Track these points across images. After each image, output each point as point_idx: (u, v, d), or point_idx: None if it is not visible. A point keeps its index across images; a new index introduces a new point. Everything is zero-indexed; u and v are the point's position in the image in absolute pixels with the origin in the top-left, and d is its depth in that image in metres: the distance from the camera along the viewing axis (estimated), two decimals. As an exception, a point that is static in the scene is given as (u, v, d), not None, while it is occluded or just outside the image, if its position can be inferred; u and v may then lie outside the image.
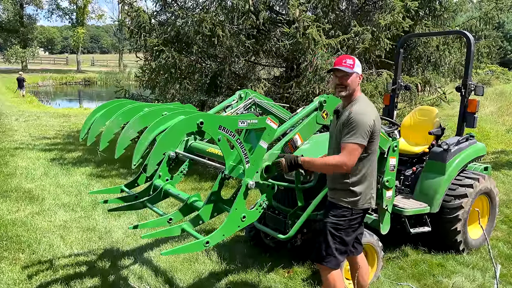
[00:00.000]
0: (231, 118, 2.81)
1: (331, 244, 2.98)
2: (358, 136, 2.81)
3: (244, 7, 6.65)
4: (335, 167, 2.85)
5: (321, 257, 3.02)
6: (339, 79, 2.97)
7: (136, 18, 7.75)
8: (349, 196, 2.99)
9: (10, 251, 4.50)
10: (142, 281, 3.96)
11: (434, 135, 4.76)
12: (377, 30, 6.71)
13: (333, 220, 3.00)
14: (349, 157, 2.80)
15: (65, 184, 6.98)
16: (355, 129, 2.81)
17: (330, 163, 2.86)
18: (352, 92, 2.98)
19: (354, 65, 2.94)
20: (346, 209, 2.99)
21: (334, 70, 2.96)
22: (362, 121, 2.82)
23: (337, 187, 3.03)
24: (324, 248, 3.00)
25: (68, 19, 50.37)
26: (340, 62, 2.96)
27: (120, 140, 2.77)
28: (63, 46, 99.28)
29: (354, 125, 2.82)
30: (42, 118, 15.16)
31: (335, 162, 2.83)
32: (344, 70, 2.92)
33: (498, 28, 35.33)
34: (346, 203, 2.99)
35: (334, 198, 3.05)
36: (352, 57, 3.01)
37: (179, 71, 7.55)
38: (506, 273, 4.23)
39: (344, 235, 3.00)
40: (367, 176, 3.00)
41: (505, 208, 6.08)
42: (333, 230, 2.99)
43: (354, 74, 2.95)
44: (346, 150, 2.81)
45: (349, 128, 2.84)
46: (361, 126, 2.81)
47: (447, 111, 14.11)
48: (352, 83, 2.95)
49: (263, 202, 3.05)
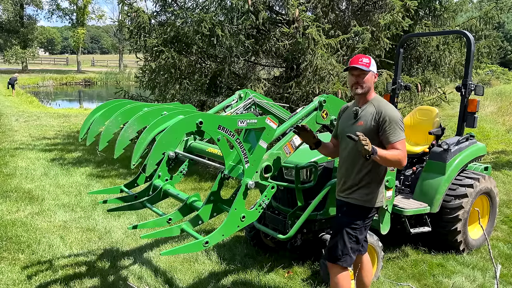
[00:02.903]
0: (231, 118, 2.81)
1: (348, 243, 2.99)
2: (401, 132, 2.88)
3: (243, 7, 6.64)
4: (399, 162, 2.87)
5: (336, 257, 3.02)
6: (356, 77, 2.99)
7: (136, 18, 7.75)
8: (365, 194, 2.99)
9: (10, 251, 4.50)
10: (142, 281, 3.95)
11: (434, 135, 4.75)
12: (377, 30, 6.71)
13: (350, 220, 3.00)
14: (404, 153, 2.86)
15: (65, 184, 6.98)
16: (396, 126, 2.87)
17: (398, 158, 2.85)
18: (368, 90, 3.00)
19: (370, 64, 2.97)
20: (362, 208, 3.00)
21: (351, 69, 2.98)
22: (398, 117, 2.90)
23: (352, 185, 3.01)
24: (340, 248, 3.00)
25: (68, 20, 50.42)
26: (356, 61, 2.97)
27: (120, 140, 2.77)
28: (63, 47, 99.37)
29: (393, 123, 2.87)
30: (42, 118, 15.16)
31: (401, 157, 2.85)
32: (361, 68, 2.94)
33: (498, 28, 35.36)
34: (363, 202, 2.99)
35: (350, 197, 3.02)
36: (368, 56, 3.03)
37: (179, 71, 7.55)
38: (506, 273, 4.23)
39: (359, 234, 3.02)
40: (381, 174, 3.03)
41: (505, 208, 6.08)
42: (350, 229, 2.99)
43: (370, 73, 2.98)
44: (401, 145, 2.86)
45: (390, 127, 2.87)
46: (399, 122, 2.89)
47: (447, 111, 14.13)
48: (368, 82, 2.98)
49: (262, 202, 3.04)
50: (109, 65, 53.52)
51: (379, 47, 6.74)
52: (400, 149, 2.85)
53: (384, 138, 2.89)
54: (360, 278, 3.23)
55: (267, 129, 2.93)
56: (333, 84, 6.34)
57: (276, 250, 4.57)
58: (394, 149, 2.86)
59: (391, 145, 2.87)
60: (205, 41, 7.02)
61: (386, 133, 2.88)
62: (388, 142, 2.88)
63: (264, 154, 2.99)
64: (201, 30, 6.70)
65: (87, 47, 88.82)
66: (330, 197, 3.89)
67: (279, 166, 3.22)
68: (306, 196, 3.79)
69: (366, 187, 2.99)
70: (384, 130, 2.88)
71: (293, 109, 5.58)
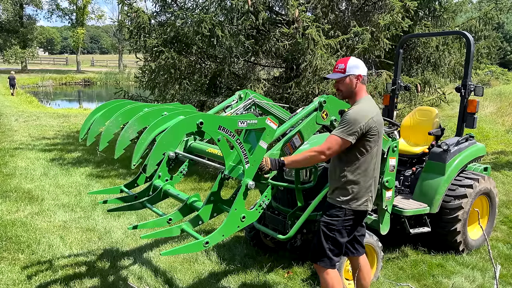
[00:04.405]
0: (231, 118, 2.81)
1: (324, 244, 2.99)
2: (343, 131, 2.85)
3: (243, 7, 6.65)
4: (314, 156, 2.88)
5: (315, 257, 3.05)
6: (335, 85, 3.06)
7: (136, 18, 7.75)
8: (342, 194, 2.99)
9: (10, 251, 4.50)
10: (142, 282, 3.96)
11: (434, 135, 4.76)
12: (377, 30, 6.72)
13: (327, 219, 3.02)
14: (327, 146, 2.86)
15: (65, 184, 6.98)
16: (343, 125, 2.86)
17: (309, 154, 2.89)
18: (349, 94, 3.02)
19: (346, 68, 2.96)
20: (339, 208, 3.00)
21: (326, 79, 3.05)
22: (354, 119, 2.85)
23: (333, 185, 3.06)
24: (317, 248, 3.02)
25: (68, 20, 50.40)
26: (334, 69, 3.03)
27: (120, 140, 2.77)
28: (63, 47, 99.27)
29: (345, 121, 2.87)
30: (42, 118, 15.16)
31: (314, 151, 2.88)
32: (333, 77, 3.00)
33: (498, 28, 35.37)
34: (339, 202, 3.00)
35: (331, 197, 3.08)
36: (346, 59, 3.00)
37: (179, 72, 7.55)
38: (506, 274, 4.23)
39: (338, 236, 2.99)
40: (363, 177, 2.98)
41: (505, 208, 6.08)
42: (326, 230, 3.00)
43: (347, 78, 2.97)
44: (327, 141, 2.88)
45: (339, 124, 2.91)
46: (351, 123, 2.84)
47: (447, 111, 14.13)
48: (346, 86, 2.99)
49: (262, 202, 3.05)
50: (108, 65, 53.56)
51: (378, 48, 6.75)
52: (322, 144, 2.86)
53: None
54: (359, 280, 3.23)
55: (267, 130, 2.93)
56: (333, 84, 6.34)
57: (276, 250, 4.58)
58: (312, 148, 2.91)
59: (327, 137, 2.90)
60: (205, 42, 7.02)
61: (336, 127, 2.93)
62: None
63: (264, 154, 2.99)
64: (201, 30, 6.70)
65: (86, 47, 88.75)
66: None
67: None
68: (306, 197, 3.79)
69: (345, 188, 2.99)
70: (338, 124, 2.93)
71: (293, 110, 5.57)
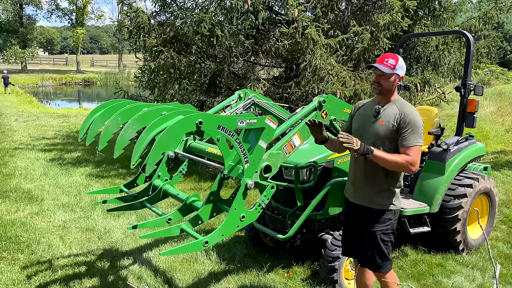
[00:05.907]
0: (230, 118, 2.81)
1: (384, 250, 2.97)
2: (419, 137, 2.80)
3: (243, 7, 6.65)
4: (403, 167, 2.79)
5: (377, 265, 3.00)
6: (377, 77, 2.89)
7: (135, 18, 7.74)
8: (390, 198, 2.95)
9: (9, 251, 4.50)
10: (141, 281, 3.95)
11: (434, 135, 4.75)
12: (376, 30, 6.71)
13: (381, 227, 2.96)
14: (416, 158, 2.79)
15: (64, 184, 6.98)
16: (416, 131, 2.79)
17: (401, 162, 2.78)
18: (386, 91, 2.91)
19: (396, 66, 2.85)
20: (389, 212, 2.97)
21: (374, 68, 2.88)
22: (420, 123, 2.82)
23: (375, 189, 2.95)
24: (379, 257, 2.98)
25: (67, 20, 50.34)
26: (382, 60, 2.87)
27: (119, 140, 2.77)
28: (63, 47, 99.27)
29: (414, 128, 2.79)
30: (42, 118, 15.15)
31: (405, 162, 2.77)
32: (382, 69, 2.84)
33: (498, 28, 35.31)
34: (389, 206, 2.96)
35: (375, 203, 2.97)
36: (397, 57, 2.90)
37: (178, 72, 7.55)
38: (505, 273, 4.23)
39: (392, 237, 3.02)
40: (399, 177, 2.98)
41: (505, 208, 6.08)
42: (384, 236, 2.97)
43: (394, 75, 2.86)
44: (413, 151, 2.78)
45: (409, 130, 2.79)
46: (419, 127, 2.81)
47: (447, 111, 14.13)
48: (388, 84, 2.87)
49: (262, 202, 3.04)
50: (108, 65, 53.55)
51: (378, 47, 6.75)
52: (411, 155, 2.77)
53: (400, 140, 2.82)
54: (363, 280, 3.22)
55: (266, 129, 2.93)
56: (332, 84, 6.34)
57: (276, 250, 4.57)
58: (403, 154, 2.79)
59: (404, 149, 2.80)
60: (205, 41, 7.02)
61: (403, 135, 2.81)
62: (402, 145, 2.81)
63: (263, 154, 2.99)
64: (200, 30, 6.70)
65: (86, 47, 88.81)
66: (330, 197, 3.89)
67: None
68: (306, 196, 3.79)
69: (389, 190, 2.95)
70: (402, 132, 2.81)
71: (293, 109, 5.59)
